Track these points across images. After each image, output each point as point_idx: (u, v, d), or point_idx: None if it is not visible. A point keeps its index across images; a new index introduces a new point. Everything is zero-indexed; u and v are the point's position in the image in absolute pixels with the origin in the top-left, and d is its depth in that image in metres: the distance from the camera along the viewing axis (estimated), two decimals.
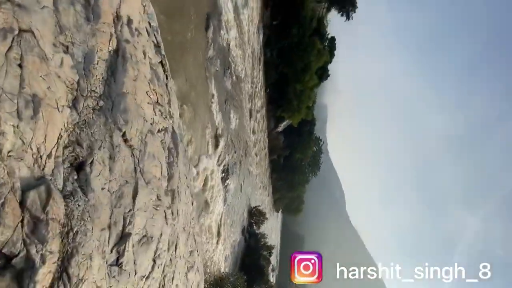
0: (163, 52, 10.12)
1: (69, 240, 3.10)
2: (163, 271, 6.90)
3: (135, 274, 4.68)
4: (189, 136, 19.69)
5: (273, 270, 51.69)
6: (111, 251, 4.11)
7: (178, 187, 8.69)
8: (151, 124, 6.71)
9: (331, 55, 54.64)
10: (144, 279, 5.04)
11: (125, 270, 4.33)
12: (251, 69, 37.35)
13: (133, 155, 5.00)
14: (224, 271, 24.31)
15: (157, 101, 8.20)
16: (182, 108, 18.63)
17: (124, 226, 4.48)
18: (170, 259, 7.59)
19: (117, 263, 4.22)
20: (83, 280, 3.23)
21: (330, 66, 56.22)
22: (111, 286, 3.92)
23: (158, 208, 5.91)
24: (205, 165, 22.33)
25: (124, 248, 4.38)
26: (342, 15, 54.67)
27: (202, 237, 21.53)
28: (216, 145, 24.92)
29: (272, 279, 49.34)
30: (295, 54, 42.54)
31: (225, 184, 26.94)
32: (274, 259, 52.85)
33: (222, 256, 25.86)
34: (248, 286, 27.72)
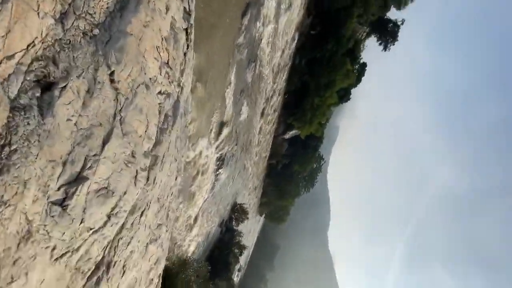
0: (191, 21, 9.72)
1: (2, 155, 2.73)
2: (120, 232, 6.51)
3: (81, 223, 4.30)
4: (194, 114, 19.30)
5: (239, 270, 51.23)
6: (58, 189, 3.73)
7: (163, 156, 8.29)
8: (150, 79, 6.32)
9: (358, 80, 54.08)
10: (90, 231, 4.65)
11: (69, 214, 3.95)
12: (276, 72, 36.94)
13: (117, 99, 4.62)
14: (191, 256, 23.91)
15: (167, 62, 7.81)
16: (195, 85, 18.25)
17: (82, 168, 4.11)
18: (132, 223, 7.19)
19: (62, 204, 3.84)
20: (8, 205, 2.85)
21: (353, 91, 55.67)
22: (45, 225, 3.53)
23: (129, 165, 5.52)
24: (202, 149, 21.94)
25: (75, 192, 4.01)
26: (380, 44, 54.05)
27: (179, 217, 21.17)
28: (219, 132, 24.48)
29: (236, 278, 48.85)
30: (323, 67, 42.10)
31: (217, 173, 26.57)
32: (243, 259, 52.38)
33: (194, 241, 25.47)
34: (210, 277, 27.31)
